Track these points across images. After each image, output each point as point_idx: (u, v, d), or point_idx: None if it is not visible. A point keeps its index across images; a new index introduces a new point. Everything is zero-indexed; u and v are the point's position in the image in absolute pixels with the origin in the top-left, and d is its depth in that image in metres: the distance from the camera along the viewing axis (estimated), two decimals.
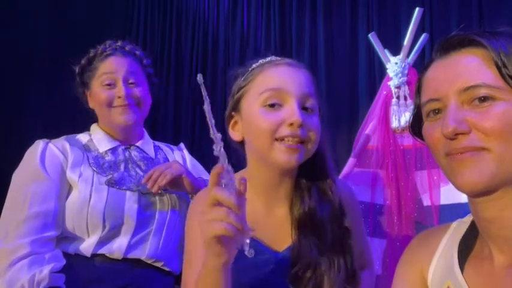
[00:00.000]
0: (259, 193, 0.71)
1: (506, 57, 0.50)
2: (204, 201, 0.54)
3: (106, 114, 1.07)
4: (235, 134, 0.76)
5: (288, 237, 0.69)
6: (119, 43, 1.11)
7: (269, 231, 0.68)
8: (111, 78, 1.06)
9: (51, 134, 1.10)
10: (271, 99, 0.67)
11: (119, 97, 1.05)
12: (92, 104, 1.11)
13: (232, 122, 0.76)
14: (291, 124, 0.65)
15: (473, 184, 0.52)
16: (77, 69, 1.11)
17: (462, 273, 0.57)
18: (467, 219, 0.62)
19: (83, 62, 1.10)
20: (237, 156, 0.77)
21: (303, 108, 0.68)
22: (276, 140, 0.67)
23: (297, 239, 0.68)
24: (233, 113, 0.75)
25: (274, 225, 0.69)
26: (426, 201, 1.48)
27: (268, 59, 0.73)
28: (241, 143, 0.76)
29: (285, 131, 0.66)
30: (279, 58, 0.73)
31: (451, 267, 0.59)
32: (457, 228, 0.63)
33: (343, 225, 0.72)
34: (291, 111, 0.66)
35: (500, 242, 0.55)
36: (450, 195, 1.41)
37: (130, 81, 1.07)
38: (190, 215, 0.75)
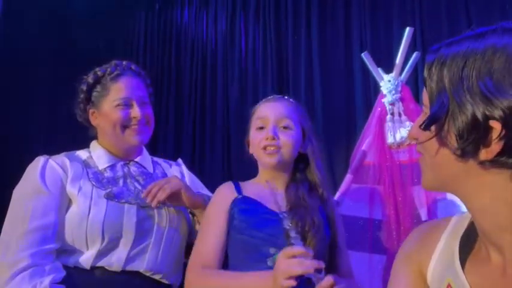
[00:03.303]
0: (265, 183, 1.02)
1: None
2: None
3: (117, 134, 1.08)
4: (250, 150, 1.10)
5: (285, 207, 0.99)
6: (125, 63, 1.13)
7: (272, 203, 0.97)
8: (127, 100, 1.08)
9: (52, 150, 1.11)
10: (260, 124, 1.03)
11: (134, 117, 1.07)
12: (97, 122, 1.12)
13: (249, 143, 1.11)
14: (267, 138, 1.00)
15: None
16: (84, 87, 1.11)
17: (463, 271, 0.57)
18: (468, 215, 0.61)
19: (90, 80, 1.11)
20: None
21: (283, 127, 1.02)
22: (262, 149, 1.01)
23: (290, 207, 0.98)
24: (247, 137, 1.10)
25: (276, 200, 0.98)
26: (424, 216, 1.48)
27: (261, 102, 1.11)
28: None
29: (265, 142, 1.01)
30: (267, 98, 1.09)
31: (452, 265, 0.58)
32: (458, 224, 0.63)
33: (324, 201, 1.03)
34: (267, 130, 1.01)
35: (494, 240, 0.55)
36: (447, 209, 1.42)
37: (142, 101, 1.10)
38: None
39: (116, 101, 1.07)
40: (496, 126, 0.49)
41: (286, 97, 1.09)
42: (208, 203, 1.04)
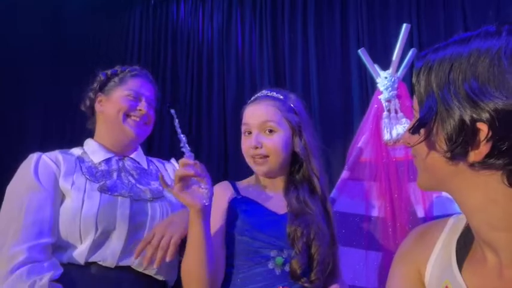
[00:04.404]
0: (263, 184, 1.04)
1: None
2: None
3: (119, 120, 1.12)
4: None
5: (284, 208, 0.99)
6: (145, 70, 1.24)
7: (272, 203, 0.99)
8: (138, 94, 1.16)
9: (49, 150, 1.11)
10: (246, 129, 1.02)
11: (140, 110, 1.14)
12: (101, 109, 1.16)
13: None
14: (252, 147, 0.99)
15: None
16: (102, 77, 1.18)
17: (460, 272, 0.57)
18: (464, 216, 0.62)
19: (109, 72, 1.18)
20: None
21: (268, 131, 0.99)
22: (251, 157, 1.01)
23: (291, 208, 0.97)
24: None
25: (275, 201, 1.00)
26: (420, 213, 1.49)
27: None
28: None
29: (252, 152, 1.00)
30: (252, 99, 1.06)
31: (450, 266, 0.59)
32: (455, 225, 0.64)
33: (325, 206, 1.02)
34: (251, 139, 0.99)
35: (488, 241, 0.56)
36: (443, 206, 1.43)
37: (149, 102, 1.18)
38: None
39: (128, 91, 1.14)
40: (483, 128, 0.50)
41: (271, 94, 1.04)
42: None
